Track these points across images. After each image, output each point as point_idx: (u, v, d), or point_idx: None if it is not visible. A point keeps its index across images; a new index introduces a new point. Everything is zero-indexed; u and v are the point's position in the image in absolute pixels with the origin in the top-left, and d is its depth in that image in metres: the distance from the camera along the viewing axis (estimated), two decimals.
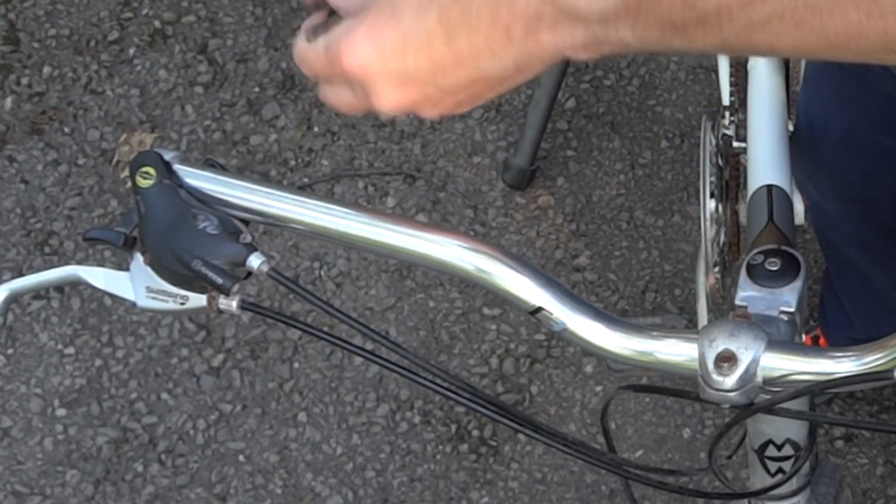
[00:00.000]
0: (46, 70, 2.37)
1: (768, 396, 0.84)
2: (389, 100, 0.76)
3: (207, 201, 0.89)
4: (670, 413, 2.03)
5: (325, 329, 0.91)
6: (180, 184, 0.89)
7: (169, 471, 2.03)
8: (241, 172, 2.23)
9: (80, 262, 2.15)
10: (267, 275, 0.85)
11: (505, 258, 0.85)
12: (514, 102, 2.29)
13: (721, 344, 0.83)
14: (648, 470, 0.95)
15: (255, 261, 0.86)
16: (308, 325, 0.89)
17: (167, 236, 0.87)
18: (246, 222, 0.89)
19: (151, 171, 0.88)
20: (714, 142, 1.68)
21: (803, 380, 0.81)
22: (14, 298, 0.90)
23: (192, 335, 2.12)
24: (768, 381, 0.82)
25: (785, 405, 0.85)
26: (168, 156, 0.90)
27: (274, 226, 0.90)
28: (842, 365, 0.81)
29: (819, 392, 0.80)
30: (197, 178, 0.90)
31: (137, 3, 2.42)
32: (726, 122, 1.64)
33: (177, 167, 0.90)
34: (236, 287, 0.85)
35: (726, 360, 0.82)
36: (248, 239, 0.87)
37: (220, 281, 0.85)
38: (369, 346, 0.92)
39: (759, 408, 0.83)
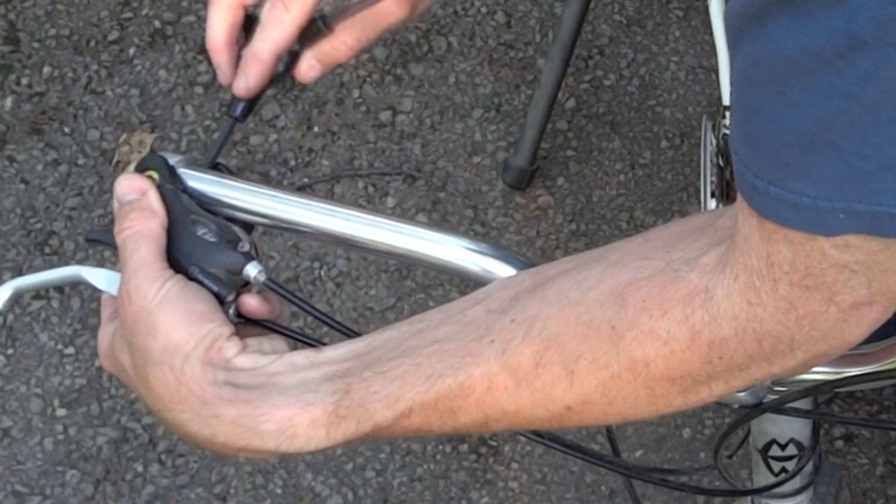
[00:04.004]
0: (46, 70, 2.36)
1: (775, 396, 0.84)
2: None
3: (212, 205, 0.88)
4: (670, 413, 2.02)
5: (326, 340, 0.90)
6: (184, 188, 0.89)
7: (169, 471, 2.04)
8: (241, 172, 2.23)
9: (80, 262, 2.15)
10: (264, 285, 0.85)
11: (512, 259, 0.86)
12: (514, 102, 2.29)
13: None
14: (651, 470, 0.95)
15: (251, 270, 0.85)
16: (299, 333, 0.89)
17: (166, 241, 0.86)
18: (248, 230, 0.89)
19: (154, 175, 0.88)
20: (714, 142, 1.68)
21: (811, 379, 0.82)
22: (19, 296, 0.89)
23: None
24: (777, 381, 0.83)
25: (791, 405, 0.86)
26: (172, 160, 0.89)
27: (280, 229, 0.90)
28: (850, 364, 0.81)
29: (829, 391, 0.80)
30: (201, 182, 0.89)
31: (137, 3, 2.42)
32: (727, 121, 1.64)
33: (181, 171, 0.89)
34: (232, 296, 0.85)
35: None
36: (247, 248, 0.86)
37: (215, 289, 0.84)
38: None
39: (769, 407, 0.84)
